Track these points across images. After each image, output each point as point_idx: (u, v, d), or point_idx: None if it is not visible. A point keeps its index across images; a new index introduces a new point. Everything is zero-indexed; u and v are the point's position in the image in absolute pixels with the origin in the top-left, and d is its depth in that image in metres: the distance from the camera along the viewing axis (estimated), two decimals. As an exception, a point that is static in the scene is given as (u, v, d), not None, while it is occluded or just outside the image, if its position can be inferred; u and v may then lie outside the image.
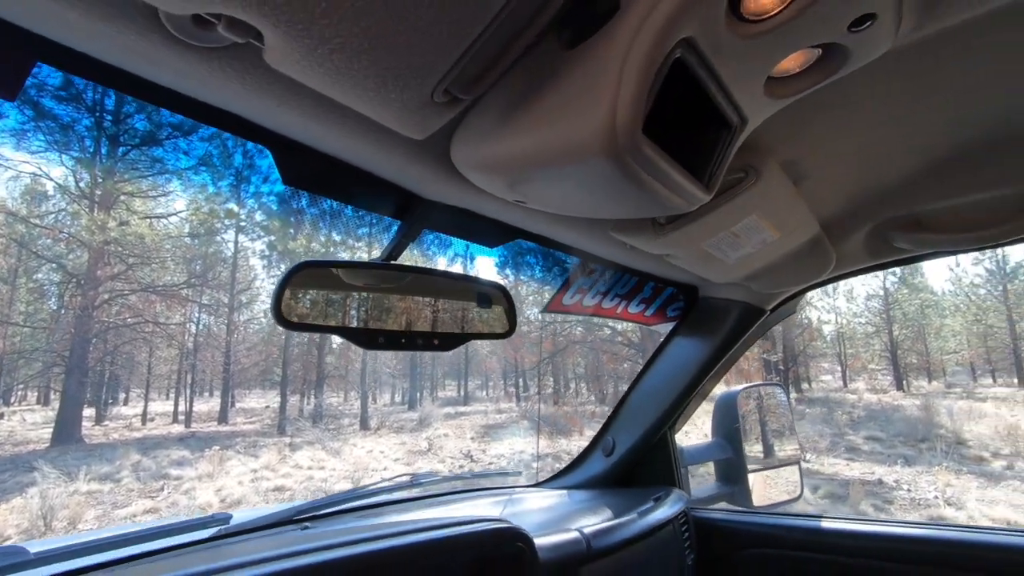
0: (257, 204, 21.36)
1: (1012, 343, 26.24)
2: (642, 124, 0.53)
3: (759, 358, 24.64)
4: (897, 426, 15.46)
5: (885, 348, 27.47)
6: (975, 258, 29.31)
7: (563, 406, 22.79)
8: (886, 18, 0.55)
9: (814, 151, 0.95)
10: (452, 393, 34.50)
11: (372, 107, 0.48)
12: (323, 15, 0.37)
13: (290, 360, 23.80)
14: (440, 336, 0.84)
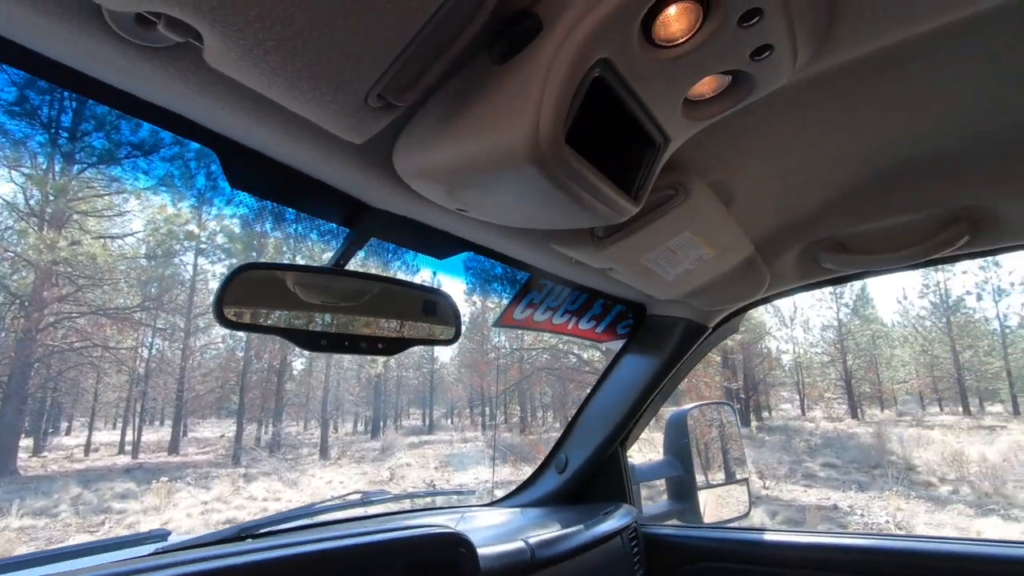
0: (219, 226, 20.89)
1: (956, 373, 27.46)
2: (564, 135, 0.57)
3: (721, 386, 25.12)
4: (852, 453, 15.91)
5: (840, 377, 28.38)
6: (921, 291, 30.82)
7: (529, 434, 22.62)
8: (782, 50, 0.61)
9: (741, 174, 1.02)
10: (417, 422, 33.86)
11: (309, 108, 0.52)
12: (257, 17, 0.40)
13: (248, 387, 23.01)
14: (384, 340, 0.86)
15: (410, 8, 0.44)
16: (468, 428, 29.55)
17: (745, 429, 23.53)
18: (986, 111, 0.88)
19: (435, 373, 32.99)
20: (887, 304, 39.52)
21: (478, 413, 31.29)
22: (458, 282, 2.02)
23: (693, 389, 22.95)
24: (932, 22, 0.65)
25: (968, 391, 27.51)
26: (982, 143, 0.97)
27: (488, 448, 20.89)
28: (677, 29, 0.57)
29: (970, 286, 28.83)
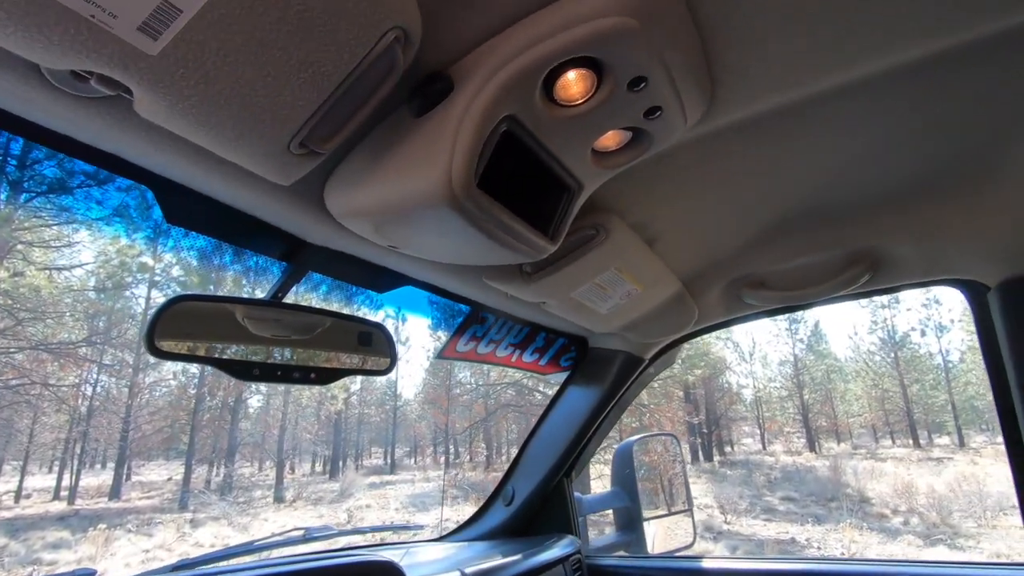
0: (176, 258, 20.30)
1: (905, 407, 28.48)
2: (476, 180, 0.64)
3: (684, 421, 25.37)
4: (810, 486, 16.20)
5: (798, 411, 29.06)
6: (870, 327, 32.15)
7: (494, 471, 22.23)
8: (672, 110, 0.70)
9: (661, 217, 1.11)
10: (379, 460, 32.80)
11: (235, 154, 0.57)
12: (182, 77, 0.46)
13: (200, 426, 21.98)
14: (317, 371, 0.89)
15: (324, 71, 0.51)
16: (432, 467, 28.82)
17: (708, 464, 23.73)
18: (873, 164, 1.00)
19: (398, 410, 32.24)
20: (839, 339, 41.03)
21: (442, 451, 30.60)
22: (417, 316, 2.03)
23: (655, 424, 23.11)
24: (806, 89, 0.75)
25: (917, 424, 28.49)
26: (873, 192, 1.09)
27: (452, 487, 20.41)
28: (576, 92, 0.65)
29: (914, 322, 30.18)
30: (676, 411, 24.80)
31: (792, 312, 1.52)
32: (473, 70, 0.61)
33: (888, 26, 0.64)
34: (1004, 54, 0.71)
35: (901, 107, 0.84)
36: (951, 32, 0.65)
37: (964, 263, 1.23)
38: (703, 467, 22.85)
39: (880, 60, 0.70)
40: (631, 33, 0.57)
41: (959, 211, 1.10)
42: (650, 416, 23.68)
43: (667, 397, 25.14)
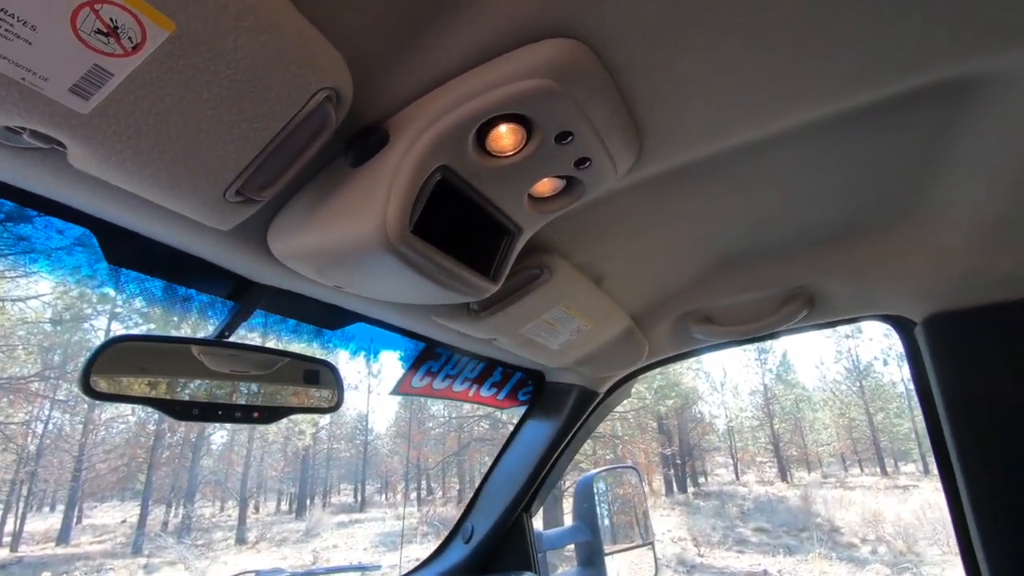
0: (139, 289, 19.71)
1: (872, 435, 29.06)
2: (410, 226, 0.67)
3: (657, 452, 25.35)
4: (782, 516, 16.27)
5: (769, 441, 29.36)
6: (835, 356, 32.93)
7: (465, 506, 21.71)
8: (601, 161, 0.75)
9: (606, 256, 1.16)
10: (348, 498, 31.73)
11: (171, 203, 0.59)
12: (114, 133, 0.48)
13: (158, 464, 21.02)
14: (262, 409, 0.89)
15: (256, 128, 0.54)
16: (402, 504, 28.02)
17: (682, 495, 23.66)
18: (802, 207, 1.07)
19: (369, 444, 31.44)
20: (807, 369, 41.92)
21: (414, 487, 29.81)
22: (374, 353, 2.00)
23: (629, 455, 23.03)
24: (729, 141, 0.81)
25: (884, 452, 29.03)
26: (804, 233, 1.16)
27: (423, 524, 19.87)
28: (507, 144, 0.69)
29: (876, 351, 31.03)
30: (650, 443, 24.80)
31: (739, 346, 1.58)
32: (408, 123, 0.65)
33: (800, 88, 0.70)
34: (912, 110, 0.78)
35: (823, 156, 0.90)
36: (859, 93, 0.71)
37: (891, 300, 1.31)
38: (677, 499, 22.78)
39: (797, 117, 0.76)
40: (553, 93, 0.61)
41: (882, 251, 1.17)
42: (623, 447, 23.62)
43: (641, 428, 25.14)
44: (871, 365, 31.24)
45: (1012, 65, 0.66)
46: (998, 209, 0.95)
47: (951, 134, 0.84)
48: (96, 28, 0.41)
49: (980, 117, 0.78)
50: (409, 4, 0.56)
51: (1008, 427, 1.20)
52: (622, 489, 2.32)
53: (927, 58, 0.65)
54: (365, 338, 1.35)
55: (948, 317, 1.26)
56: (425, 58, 0.62)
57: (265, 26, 0.47)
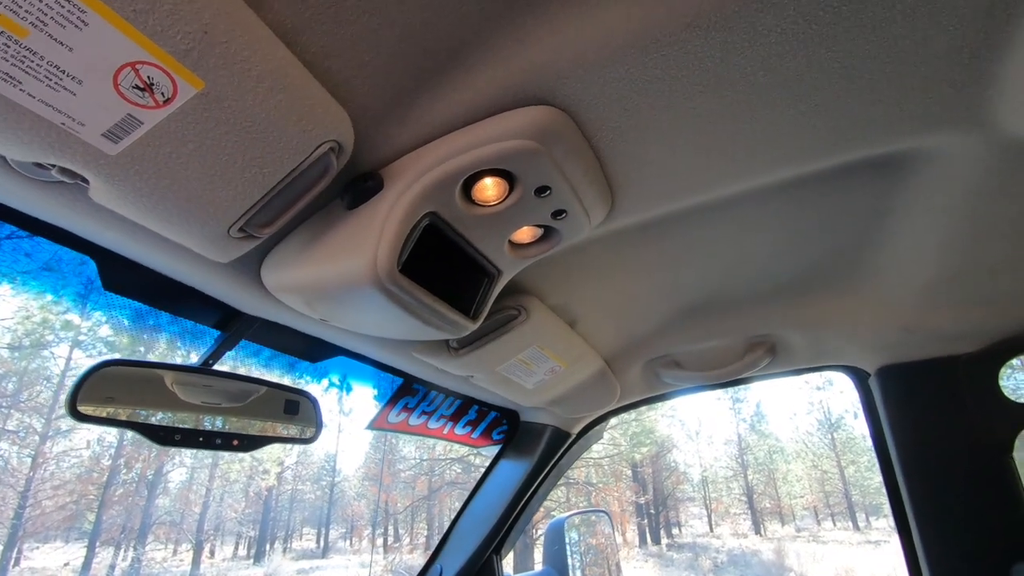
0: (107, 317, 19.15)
1: (843, 488, 29.12)
2: (398, 266, 0.72)
3: (631, 501, 25.00)
4: (755, 570, 16.05)
5: (744, 492, 29.19)
6: (807, 408, 33.28)
7: (433, 556, 20.95)
8: (576, 213, 0.81)
9: (579, 300, 1.22)
10: (310, 543, 30.32)
11: (179, 236, 0.63)
12: (136, 173, 0.53)
13: (109, 502, 19.94)
14: (240, 437, 0.91)
15: (265, 173, 0.59)
16: (368, 550, 26.89)
17: (655, 547, 23.21)
18: (762, 262, 1.15)
19: (335, 487, 30.34)
20: (780, 420, 42.21)
21: (380, 532, 28.70)
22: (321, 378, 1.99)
23: (602, 503, 22.64)
24: (693, 200, 0.88)
25: (856, 506, 29.04)
26: (764, 286, 1.24)
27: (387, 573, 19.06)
28: (491, 195, 0.76)
29: (847, 405, 31.46)
30: (624, 490, 24.47)
31: (708, 391, 1.64)
32: (401, 173, 0.71)
33: (752, 159, 0.78)
34: (853, 181, 0.87)
35: (778, 217, 0.99)
36: (802, 166, 0.80)
37: (846, 352, 1.39)
38: (651, 551, 22.33)
39: (752, 182, 0.84)
40: (533, 153, 0.68)
41: (836, 306, 1.26)
42: (597, 495, 23.24)
43: (615, 476, 24.84)
44: (842, 418, 31.56)
45: (932, 147, 0.76)
46: (932, 271, 1.05)
47: (888, 204, 0.93)
48: (134, 84, 0.46)
49: (909, 190, 0.88)
50: (410, 66, 0.63)
51: (955, 472, 1.27)
52: (593, 536, 2.32)
53: (860, 138, 0.74)
54: (340, 372, 1.38)
55: (898, 369, 1.35)
56: (421, 114, 0.69)
57: (281, 86, 0.53)
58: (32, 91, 0.44)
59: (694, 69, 0.63)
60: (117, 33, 0.43)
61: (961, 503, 1.25)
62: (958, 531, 1.25)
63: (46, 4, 0.40)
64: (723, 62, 0.62)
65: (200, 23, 0.45)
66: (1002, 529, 1.20)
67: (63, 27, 0.41)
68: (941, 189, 0.86)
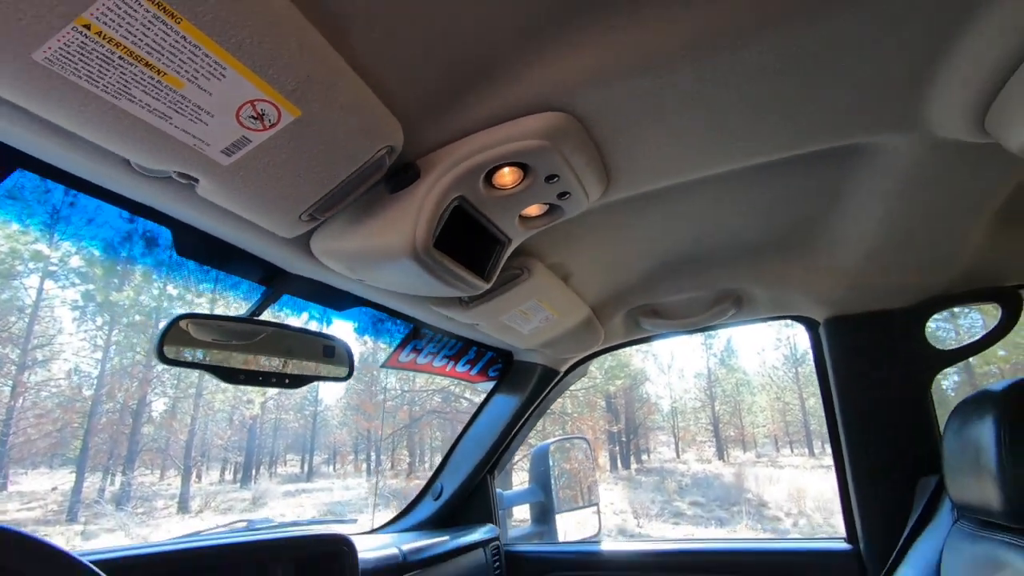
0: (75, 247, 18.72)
1: (803, 418, 30.95)
2: (433, 241, 0.87)
3: (605, 430, 26.32)
4: (716, 491, 17.30)
5: (710, 422, 30.85)
6: (775, 344, 34.72)
7: (415, 479, 22.06)
8: (577, 194, 0.97)
9: (573, 260, 1.39)
10: (295, 469, 31.41)
11: (260, 219, 0.77)
12: (240, 177, 0.67)
13: (95, 430, 20.28)
14: (290, 376, 1.09)
15: (334, 174, 0.73)
16: (352, 474, 28.04)
17: (625, 471, 24.69)
18: (733, 226, 1.33)
19: (318, 416, 31.11)
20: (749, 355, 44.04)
21: (363, 458, 29.83)
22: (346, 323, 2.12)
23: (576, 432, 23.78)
24: (676, 179, 1.04)
25: (813, 434, 30.98)
26: (734, 247, 1.42)
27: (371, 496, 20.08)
28: (508, 181, 0.91)
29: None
30: (598, 420, 25.67)
31: (681, 335, 1.85)
32: (435, 164, 0.85)
33: (731, 148, 0.94)
34: (814, 165, 1.04)
35: (750, 192, 1.16)
36: (771, 154, 0.96)
37: (800, 304, 1.60)
38: (621, 474, 23.73)
39: (730, 165, 1.00)
40: (546, 149, 0.83)
41: (794, 266, 1.46)
42: (572, 424, 24.38)
43: (590, 407, 25.98)
44: (807, 353, 32.99)
45: (877, 143, 0.93)
46: (873, 241, 1.24)
47: (840, 186, 1.11)
48: (250, 115, 0.60)
49: (858, 176, 1.05)
50: (448, 82, 0.76)
51: (882, 405, 1.52)
52: (573, 458, 2.61)
53: (819, 136, 0.90)
54: (360, 319, 1.54)
55: (843, 320, 1.57)
56: (454, 117, 0.82)
57: (356, 110, 0.67)
58: (178, 124, 0.57)
59: (682, 86, 0.77)
60: (245, 81, 0.56)
61: (883, 430, 1.51)
62: (879, 453, 1.52)
63: (200, 63, 0.53)
64: (707, 81, 0.76)
65: (306, 71, 0.58)
66: (913, 450, 1.47)
67: (208, 79, 0.54)
68: (883, 176, 1.03)
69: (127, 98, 0.53)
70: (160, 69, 0.51)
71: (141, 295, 19.62)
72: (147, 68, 0.51)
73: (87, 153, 0.66)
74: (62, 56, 0.48)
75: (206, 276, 17.45)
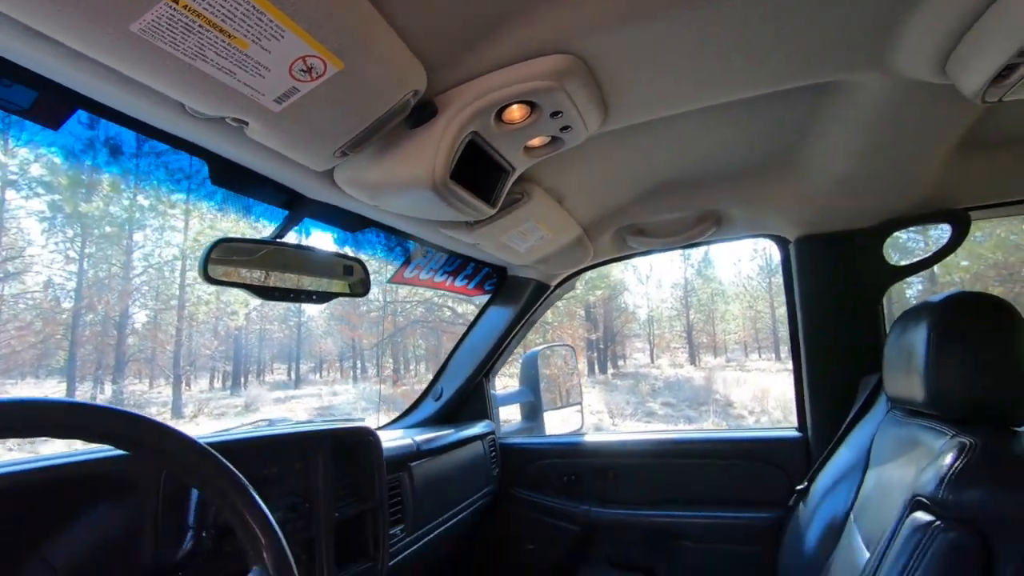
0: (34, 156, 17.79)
1: (772, 325, 32.40)
2: (449, 173, 0.97)
3: (584, 338, 27.37)
4: (686, 393, 18.45)
5: (684, 329, 32.16)
6: (751, 255, 35.54)
7: (401, 385, 23.00)
8: (577, 127, 1.05)
9: (567, 183, 1.49)
10: (282, 376, 32.34)
11: (300, 157, 0.86)
12: (288, 121, 0.75)
13: (80, 341, 20.44)
14: (316, 293, 1.21)
15: (367, 116, 0.81)
16: (339, 381, 29.01)
17: (602, 376, 25.96)
18: (716, 153, 1.43)
19: (303, 326, 31.59)
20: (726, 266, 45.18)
21: (349, 366, 30.75)
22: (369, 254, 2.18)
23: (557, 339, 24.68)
24: (668, 111, 1.13)
25: (780, 340, 32.60)
26: (716, 171, 1.53)
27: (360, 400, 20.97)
28: (517, 117, 0.99)
29: (787, 252, 33.34)
30: (577, 328, 26.57)
31: (664, 252, 2.00)
32: (452, 102, 0.93)
33: (715, 85, 1.02)
34: (794, 98, 1.14)
35: (733, 122, 1.26)
36: (756, 89, 1.04)
37: (774, 224, 1.74)
38: (598, 379, 24.96)
39: (714, 100, 1.09)
40: (552, 90, 0.91)
41: (770, 189, 1.58)
42: (553, 333, 25.25)
43: (569, 316, 26.79)
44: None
45: (850, 80, 1.02)
46: (842, 168, 1.36)
47: (816, 117, 1.21)
48: (301, 68, 0.67)
49: (832, 109, 1.16)
50: (466, 27, 0.83)
51: (840, 314, 1.71)
52: (559, 363, 2.84)
53: (797, 73, 0.99)
54: (370, 239, 1.65)
55: (811, 239, 1.72)
56: (469, 58, 0.89)
57: (390, 59, 0.74)
58: (240, 78, 0.65)
59: (677, 31, 0.85)
60: (299, 40, 0.63)
61: (836, 335, 1.71)
62: (831, 355, 1.73)
63: (264, 26, 0.60)
64: (698, 28, 0.84)
65: (350, 27, 0.65)
66: (860, 353, 1.68)
67: (269, 40, 0.62)
68: (853, 110, 1.13)
69: (202, 59, 0.61)
70: (231, 33, 0.59)
71: (111, 205, 19.02)
72: (220, 33, 0.58)
73: (146, 97, 0.72)
74: (153, 27, 0.55)
75: (177, 187, 16.89)
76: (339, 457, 1.28)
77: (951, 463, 0.92)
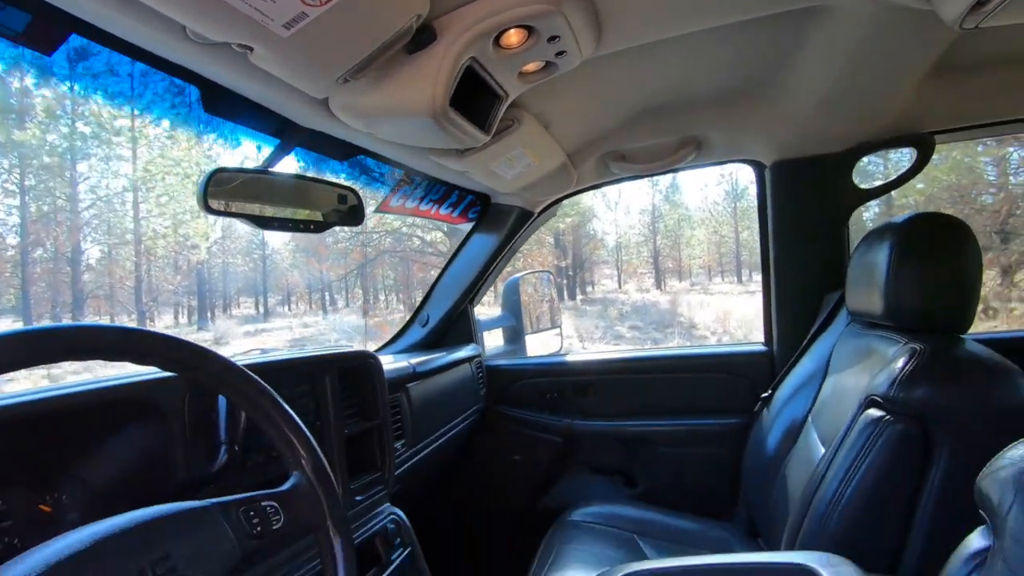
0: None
1: (736, 249, 33.26)
2: (448, 100, 0.97)
3: (553, 265, 27.67)
4: (652, 316, 19.11)
5: (651, 255, 32.74)
6: (717, 180, 35.79)
7: (373, 316, 23.10)
8: (572, 51, 1.06)
9: (554, 108, 1.49)
10: (250, 311, 31.91)
11: (304, 85, 0.85)
12: (293, 47, 0.74)
13: (32, 279, 19.65)
14: (313, 222, 1.22)
15: (370, 40, 0.81)
16: (307, 313, 28.86)
17: (571, 302, 26.52)
18: (698, 78, 1.45)
19: (268, 259, 30.90)
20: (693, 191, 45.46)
21: (318, 299, 30.51)
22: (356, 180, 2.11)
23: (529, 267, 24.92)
24: (656, 35, 1.14)
25: (744, 264, 33.57)
26: (697, 96, 1.56)
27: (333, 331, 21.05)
28: (514, 41, 0.99)
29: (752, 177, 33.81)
30: (547, 256, 26.81)
31: (645, 178, 2.04)
32: (450, 27, 0.92)
33: (702, 9, 1.03)
34: (779, 21, 1.15)
35: (718, 47, 1.28)
36: (749, 12, 1.06)
37: (751, 149, 1.80)
38: (567, 304, 25.46)
39: (701, 24, 1.10)
40: (551, 13, 0.91)
41: (750, 114, 1.62)
42: (523, 260, 25.46)
43: (539, 243, 26.93)
44: (747, 189, 34.31)
45: (830, 6, 1.05)
46: (818, 94, 1.41)
47: (799, 41, 1.24)
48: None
49: (814, 34, 1.19)
50: None
51: (809, 234, 1.81)
52: (541, 287, 2.92)
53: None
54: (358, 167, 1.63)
55: (786, 163, 1.78)
56: None
57: None
58: (250, 2, 0.64)
59: None
60: None
61: (804, 255, 1.82)
62: (800, 273, 1.84)
63: None
64: None
65: None
66: (825, 271, 1.79)
67: None
68: (835, 36, 1.17)
69: None
70: None
71: (49, 133, 17.77)
72: None
73: (145, 21, 0.70)
74: None
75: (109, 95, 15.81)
76: (344, 380, 1.35)
77: (902, 366, 1.04)
